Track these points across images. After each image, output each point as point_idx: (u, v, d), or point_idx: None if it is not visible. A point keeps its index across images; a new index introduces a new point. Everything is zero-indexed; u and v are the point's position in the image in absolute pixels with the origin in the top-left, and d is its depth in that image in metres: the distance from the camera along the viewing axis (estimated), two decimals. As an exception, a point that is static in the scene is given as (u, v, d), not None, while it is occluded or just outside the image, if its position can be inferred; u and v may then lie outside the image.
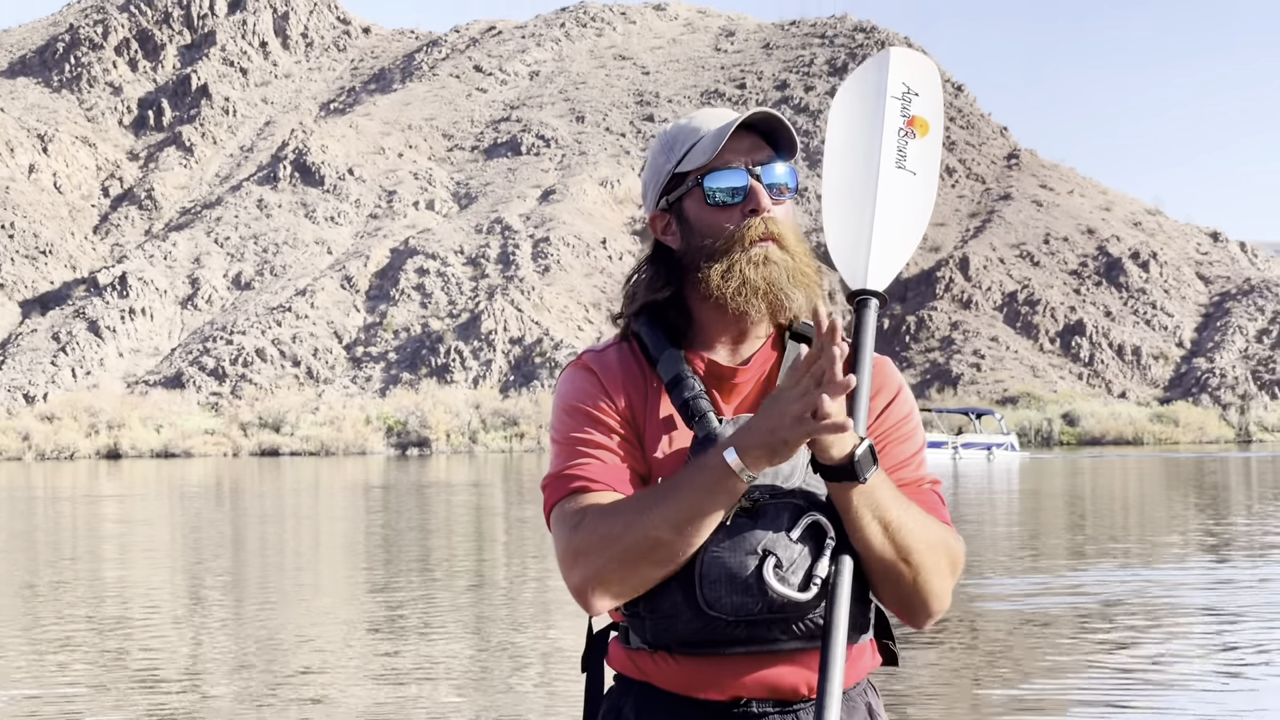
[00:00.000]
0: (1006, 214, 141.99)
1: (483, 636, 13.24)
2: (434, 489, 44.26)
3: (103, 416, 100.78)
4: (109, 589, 17.94)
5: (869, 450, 2.77)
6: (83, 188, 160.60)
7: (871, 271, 3.04)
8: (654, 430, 2.96)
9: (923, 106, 3.19)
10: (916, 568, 2.84)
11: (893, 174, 3.13)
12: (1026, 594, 15.62)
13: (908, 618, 2.94)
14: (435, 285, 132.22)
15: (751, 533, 2.82)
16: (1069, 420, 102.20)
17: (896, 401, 3.04)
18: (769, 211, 2.96)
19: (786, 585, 2.80)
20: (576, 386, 3.01)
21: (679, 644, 2.89)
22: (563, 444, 2.97)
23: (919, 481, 3.00)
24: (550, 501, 2.95)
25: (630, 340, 3.06)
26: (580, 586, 2.86)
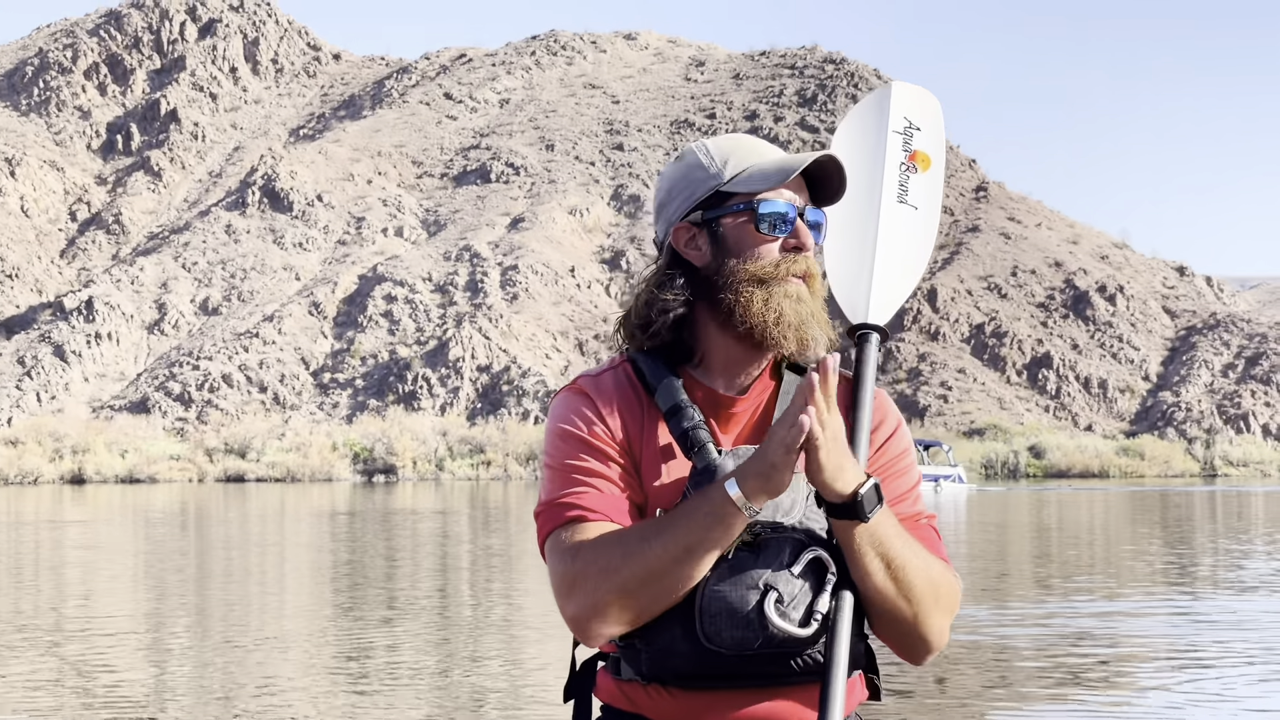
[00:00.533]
0: (974, 246, 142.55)
1: (450, 665, 13.17)
2: (400, 516, 44.12)
3: (67, 441, 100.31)
4: (71, 616, 17.81)
5: (874, 488, 2.77)
6: (50, 211, 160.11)
7: (873, 306, 3.08)
8: (651, 459, 2.94)
9: (925, 141, 3.22)
10: (917, 605, 2.84)
11: (894, 208, 3.15)
12: (982, 625, 15.62)
13: (907, 654, 2.94)
14: (403, 312, 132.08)
15: (753, 567, 2.81)
16: (1035, 453, 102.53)
17: (895, 436, 3.04)
18: (810, 251, 2.96)
19: (787, 620, 2.78)
20: (572, 411, 2.97)
21: (675, 677, 2.86)
22: (557, 470, 2.93)
23: (916, 516, 3.00)
24: (545, 530, 2.91)
25: (626, 365, 3.03)
26: (578, 617, 2.83)
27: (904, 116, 3.20)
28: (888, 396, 3.09)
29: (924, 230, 3.17)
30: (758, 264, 2.93)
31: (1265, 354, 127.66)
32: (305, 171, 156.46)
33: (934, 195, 3.20)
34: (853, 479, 2.76)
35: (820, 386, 2.71)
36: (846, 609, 2.80)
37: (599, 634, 2.84)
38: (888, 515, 2.81)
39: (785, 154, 2.99)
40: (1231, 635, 14.94)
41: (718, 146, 3.04)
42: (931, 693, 11.56)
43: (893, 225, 3.13)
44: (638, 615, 2.80)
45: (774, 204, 2.93)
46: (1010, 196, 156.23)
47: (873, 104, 3.24)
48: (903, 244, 3.12)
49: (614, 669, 2.96)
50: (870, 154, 3.18)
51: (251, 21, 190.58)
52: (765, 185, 2.94)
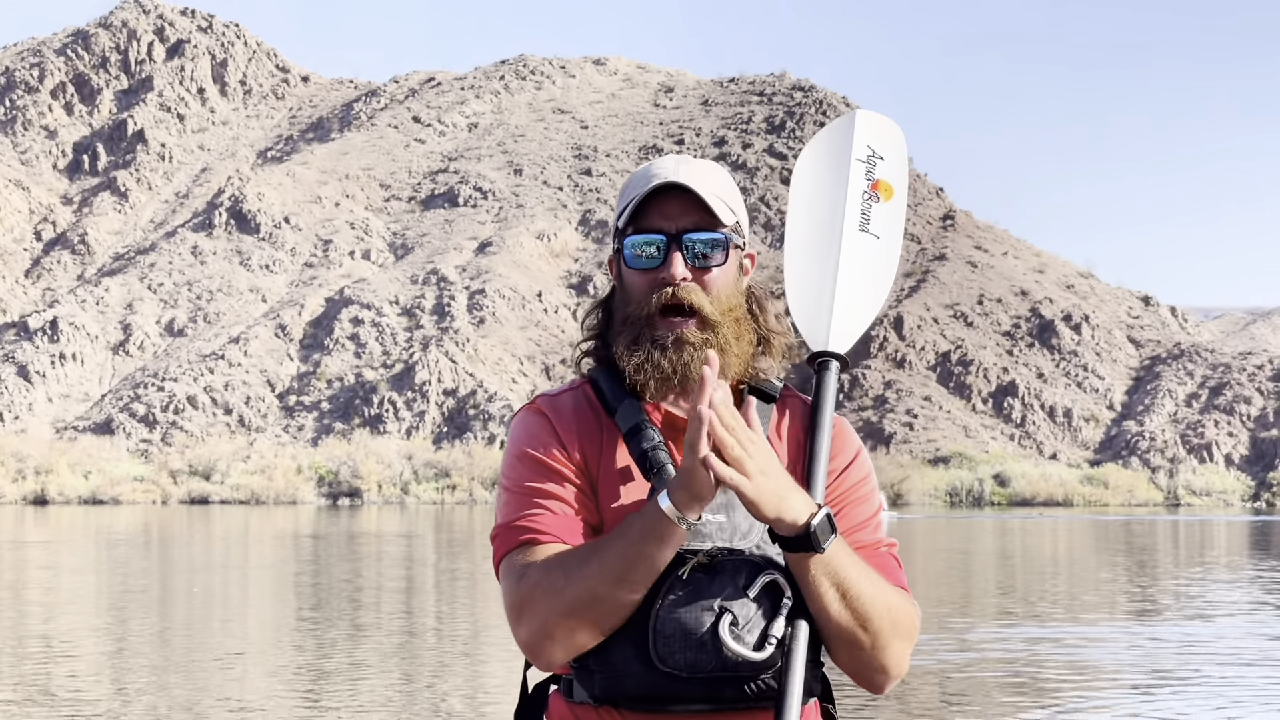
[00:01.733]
0: (941, 274, 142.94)
1: (411, 686, 13.15)
2: (365, 539, 43.99)
3: (30, 462, 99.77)
4: (33, 638, 17.72)
5: (826, 519, 2.73)
6: (15, 231, 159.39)
7: (833, 334, 3.04)
8: (609, 480, 2.90)
9: (887, 170, 3.17)
10: (874, 634, 2.81)
11: (856, 237, 3.11)
12: (942, 648, 15.66)
13: (866, 683, 2.90)
14: (370, 335, 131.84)
15: (709, 589, 2.76)
16: (1000, 481, 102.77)
17: (855, 464, 3.00)
18: (680, 283, 2.86)
19: (741, 644, 2.73)
20: (529, 432, 2.93)
21: (627, 699, 2.82)
22: (514, 492, 2.89)
23: (876, 544, 2.96)
24: (499, 553, 2.88)
25: (586, 385, 3.00)
26: (528, 641, 2.80)
27: (867, 145, 3.17)
28: (848, 424, 3.05)
29: (885, 259, 3.13)
30: (627, 306, 2.91)
31: (1229, 384, 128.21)
32: (273, 194, 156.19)
33: (896, 225, 3.16)
34: (802, 509, 2.72)
35: (704, 387, 2.63)
36: (802, 638, 2.77)
37: (551, 657, 2.80)
38: (842, 545, 2.77)
39: (655, 178, 2.92)
40: (1192, 659, 15.01)
41: (635, 173, 3.01)
42: (896, 714, 11.59)
43: (854, 254, 3.09)
44: (587, 636, 2.77)
45: (636, 239, 2.90)
46: (977, 225, 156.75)
47: (836, 132, 3.21)
48: (864, 273, 3.09)
49: (566, 691, 2.91)
50: (833, 182, 3.14)
51: (220, 42, 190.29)
52: (626, 221, 2.92)
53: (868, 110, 3.32)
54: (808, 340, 3.05)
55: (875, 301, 3.13)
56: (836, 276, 3.09)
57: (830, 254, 3.11)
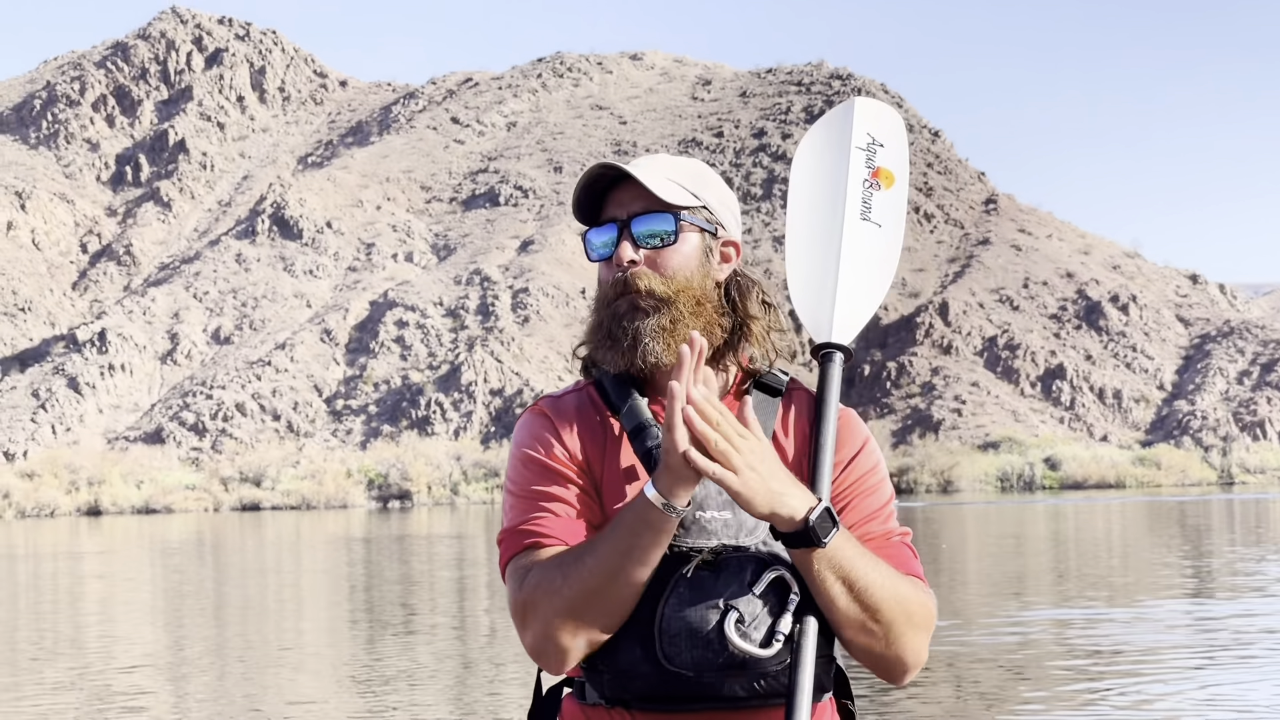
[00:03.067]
0: (985, 259, 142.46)
1: (468, 686, 13.16)
2: (416, 541, 44.10)
3: (83, 473, 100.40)
4: (91, 646, 17.81)
5: (826, 513, 2.72)
6: (61, 244, 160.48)
7: (836, 325, 3.02)
8: (613, 480, 2.91)
9: (888, 158, 3.16)
10: (886, 626, 2.79)
11: (857, 226, 3.09)
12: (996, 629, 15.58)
13: (884, 675, 2.88)
14: (415, 337, 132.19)
15: (714, 587, 2.76)
16: (1051, 464, 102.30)
17: (861, 454, 2.97)
18: (625, 265, 2.93)
19: (748, 641, 2.73)
20: (532, 434, 2.95)
21: (637, 699, 2.82)
22: (518, 496, 2.91)
23: (888, 535, 2.94)
24: (505, 558, 2.89)
25: (589, 386, 3.02)
26: (533, 645, 2.80)
27: (867, 133, 3.15)
28: (854, 414, 3.03)
29: (887, 248, 3.11)
30: (599, 293, 3.01)
31: None
32: (314, 199, 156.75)
33: (897, 213, 3.14)
34: (799, 504, 2.71)
35: (699, 418, 2.65)
36: (810, 634, 2.75)
37: (556, 658, 2.80)
38: (846, 538, 2.75)
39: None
40: (1250, 635, 14.89)
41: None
42: (949, 695, 11.53)
43: (856, 243, 3.07)
44: (589, 636, 2.77)
45: (591, 234, 3.02)
46: (1020, 209, 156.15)
47: (835, 120, 3.19)
48: (866, 262, 3.07)
49: (579, 694, 2.92)
50: (833, 171, 3.13)
51: (258, 50, 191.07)
52: (586, 222, 3.04)
53: (866, 98, 3.29)
54: (811, 332, 3.05)
55: (878, 291, 3.10)
56: (839, 267, 3.07)
57: (832, 244, 3.09)
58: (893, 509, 3.00)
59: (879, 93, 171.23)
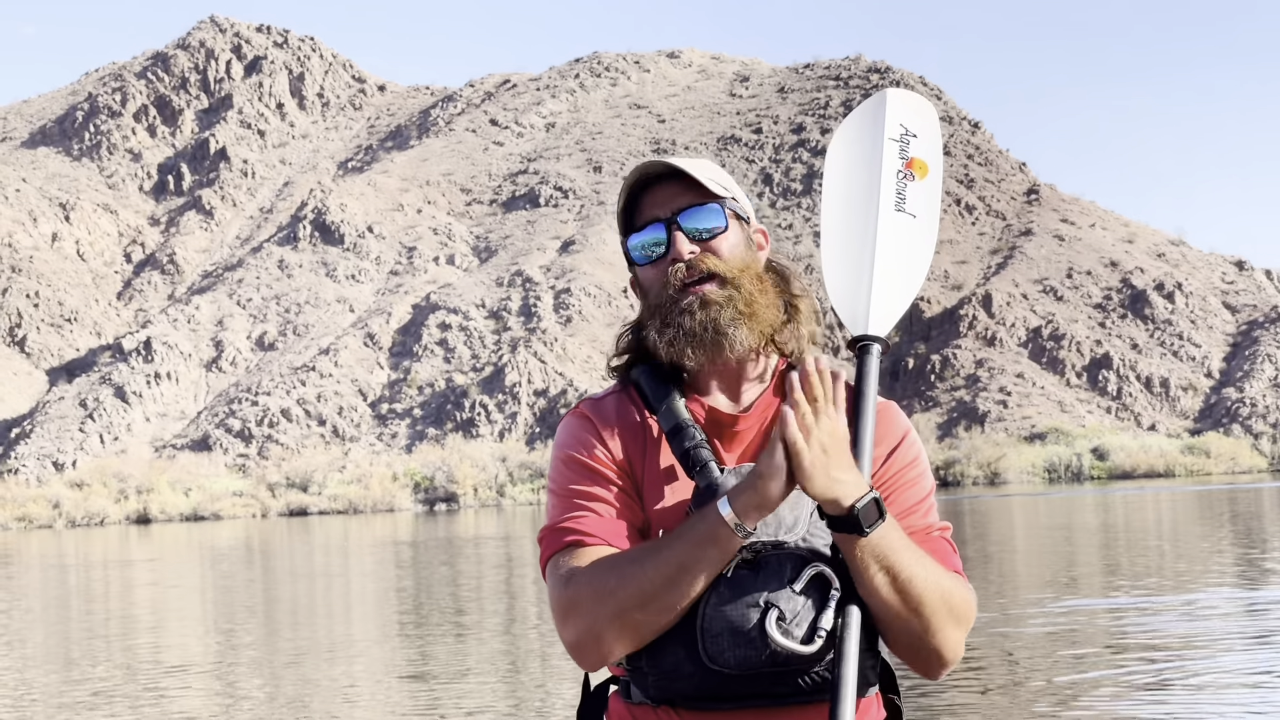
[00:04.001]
0: (1028, 249, 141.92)
1: (514, 687, 13.18)
2: (463, 543, 44.20)
3: (131, 482, 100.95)
4: (142, 651, 17.90)
5: (873, 501, 2.74)
6: (105, 254, 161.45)
7: (873, 317, 3.03)
8: (653, 481, 2.93)
9: (921, 148, 3.17)
10: (927, 618, 2.80)
11: (892, 217, 3.10)
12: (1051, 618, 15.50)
13: (921, 668, 2.89)
14: (458, 340, 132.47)
15: (754, 585, 2.77)
16: (1098, 455, 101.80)
17: (902, 447, 3.00)
18: (687, 256, 2.93)
19: (790, 638, 2.75)
20: (573, 436, 2.98)
21: (682, 698, 2.84)
22: (559, 495, 2.94)
23: (928, 529, 2.95)
24: (545, 556, 2.92)
25: (629, 388, 3.04)
26: (575, 642, 2.82)
27: (900, 124, 3.16)
28: (896, 407, 3.06)
29: (923, 239, 3.12)
30: (650, 298, 2.99)
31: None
32: (355, 204, 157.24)
33: (932, 203, 3.15)
34: (851, 491, 2.73)
35: (801, 385, 2.71)
36: (854, 625, 2.76)
37: (596, 658, 2.83)
38: (892, 528, 2.77)
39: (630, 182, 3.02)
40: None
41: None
42: (1005, 685, 11.48)
43: (891, 234, 3.08)
44: (634, 639, 2.79)
45: (636, 238, 3.00)
46: (1062, 198, 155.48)
47: (868, 112, 3.20)
48: (902, 253, 3.08)
49: (625, 692, 2.94)
50: (866, 162, 3.13)
51: (296, 57, 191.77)
52: (621, 225, 3.03)
53: (899, 89, 3.29)
54: (847, 324, 3.07)
55: (914, 282, 3.11)
56: (874, 258, 3.07)
57: (867, 235, 3.09)
58: (933, 502, 3.02)
59: (918, 85, 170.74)
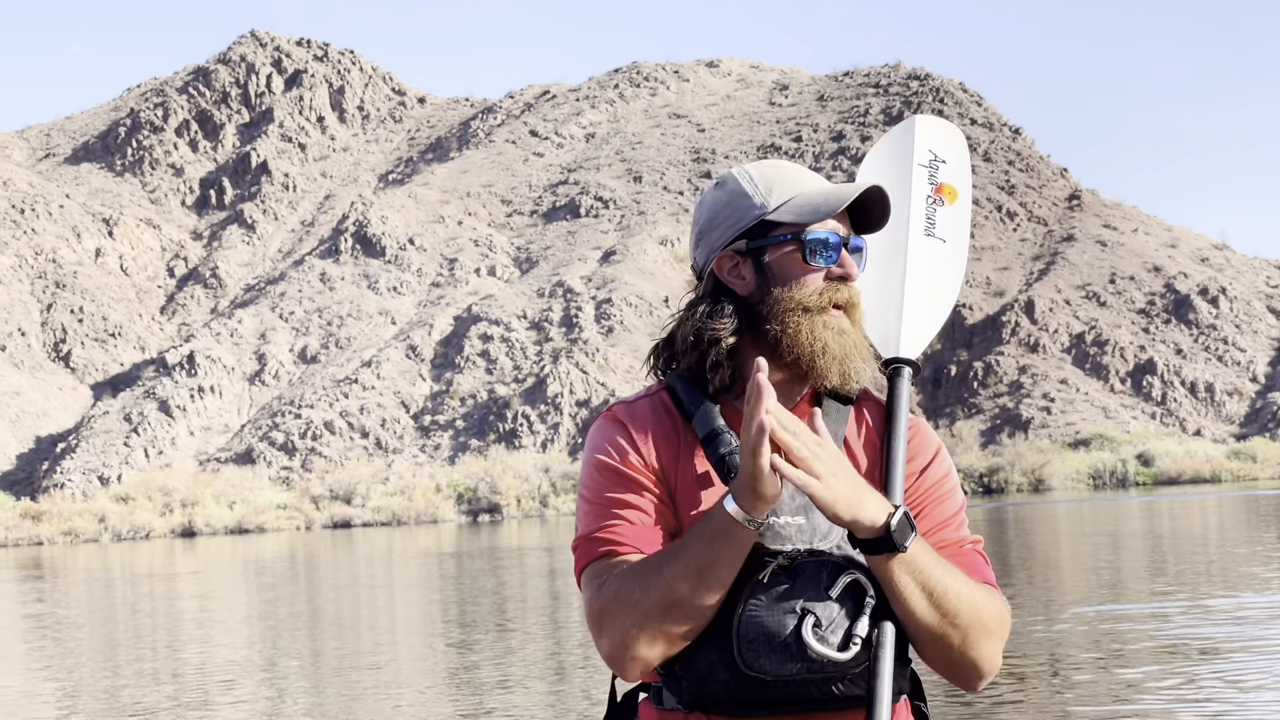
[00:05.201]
0: (1070, 255, 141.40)
1: (558, 695, 13.19)
2: (507, 554, 44.26)
3: (176, 495, 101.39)
4: (189, 662, 17.98)
5: (905, 518, 2.74)
6: (148, 269, 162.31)
7: (904, 339, 3.07)
8: (687, 486, 2.92)
9: (950, 174, 3.21)
10: (964, 632, 2.80)
11: (922, 241, 3.15)
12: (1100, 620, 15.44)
13: (959, 681, 2.90)
14: (500, 351, 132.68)
15: (790, 592, 2.78)
16: (1143, 460, 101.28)
17: (934, 463, 3.01)
18: (855, 280, 2.94)
19: (826, 645, 2.75)
20: (606, 440, 2.97)
21: (716, 705, 2.83)
22: (592, 503, 2.93)
23: (960, 542, 2.96)
24: (580, 565, 2.91)
25: (662, 391, 3.02)
26: (610, 653, 2.82)
27: (929, 150, 3.20)
28: (925, 423, 3.06)
29: (952, 263, 3.15)
30: (803, 292, 2.91)
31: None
32: (396, 216, 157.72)
33: (961, 228, 3.18)
34: (879, 511, 2.73)
35: (764, 387, 2.66)
36: (888, 640, 2.77)
37: (632, 667, 2.83)
38: (923, 544, 2.78)
39: (829, 184, 2.97)
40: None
41: (761, 174, 3.02)
42: (1049, 690, 11.45)
43: (921, 258, 3.12)
44: (665, 646, 2.79)
45: (821, 234, 2.92)
46: (1104, 204, 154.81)
47: (897, 138, 3.23)
48: (932, 277, 3.11)
49: (656, 699, 2.94)
50: (896, 187, 3.16)
51: (336, 70, 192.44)
52: (814, 217, 2.93)
53: (927, 115, 3.35)
54: (878, 346, 3.10)
55: (944, 305, 3.15)
56: (904, 282, 3.11)
57: (897, 260, 3.13)
58: (964, 517, 3.03)
59: (957, 92, 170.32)
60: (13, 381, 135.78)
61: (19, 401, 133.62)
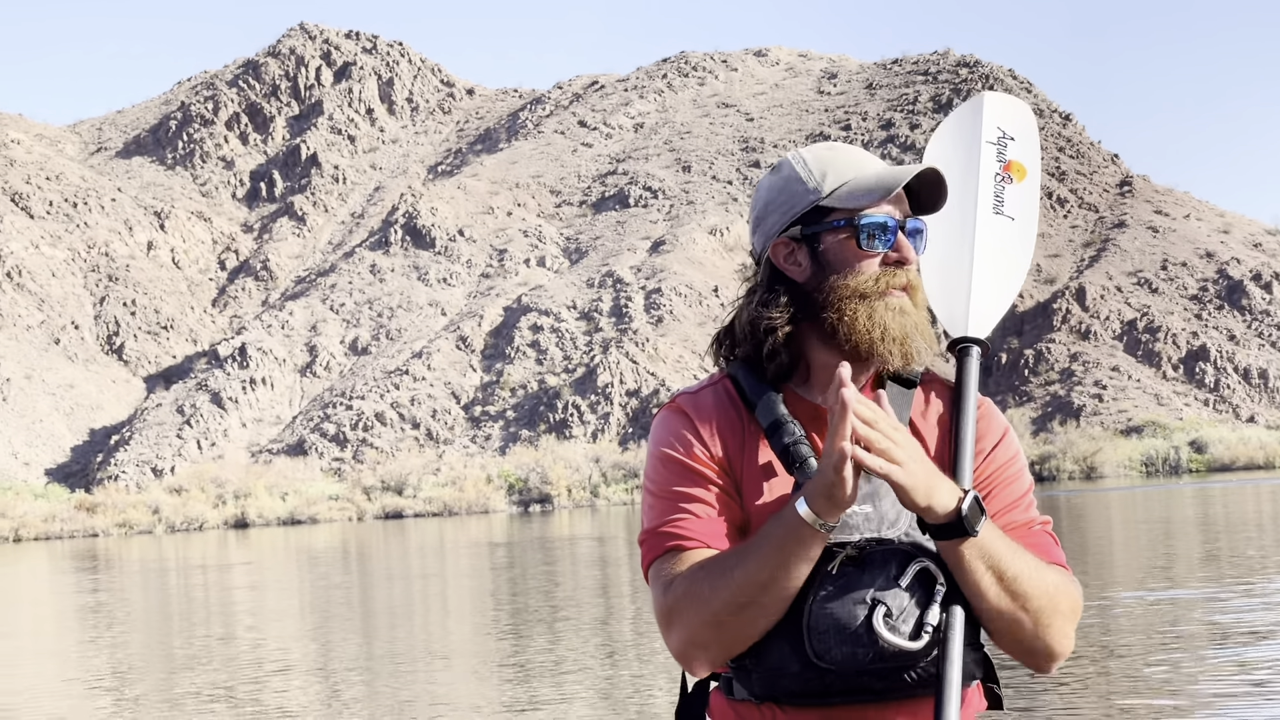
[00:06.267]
0: (1121, 242, 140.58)
1: (612, 684, 13.20)
2: (558, 544, 44.31)
3: (229, 487, 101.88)
4: (243, 652, 18.08)
5: (975, 502, 2.73)
6: (200, 262, 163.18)
7: (972, 319, 3.05)
8: (752, 477, 2.91)
9: (1019, 151, 3.19)
10: (1035, 615, 2.79)
11: (990, 219, 3.13)
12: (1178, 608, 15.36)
13: (1031, 664, 2.89)
14: (550, 341, 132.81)
15: (859, 582, 2.77)
16: (1196, 447, 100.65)
17: (1001, 444, 2.99)
18: (913, 264, 2.92)
19: (897, 634, 2.75)
20: (671, 433, 2.95)
21: (787, 695, 2.83)
22: (658, 496, 2.92)
23: (1029, 524, 2.95)
24: (647, 560, 2.91)
25: (725, 380, 3.01)
26: (679, 650, 2.83)
27: (997, 127, 3.18)
28: (992, 404, 3.06)
29: (1021, 241, 3.14)
30: (859, 279, 2.89)
31: None
32: (445, 207, 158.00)
33: (1030, 205, 3.16)
34: (950, 496, 2.72)
35: (846, 377, 2.65)
36: (958, 623, 2.76)
37: (700, 664, 2.83)
38: (993, 528, 2.77)
39: (884, 166, 2.95)
40: None
41: (815, 158, 3.01)
42: (1106, 670, 11.41)
43: (989, 237, 3.10)
44: (735, 643, 2.78)
45: (875, 219, 2.89)
46: (1156, 189, 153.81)
47: (965, 115, 3.21)
48: (1000, 255, 3.09)
49: (726, 689, 2.93)
50: (964, 165, 3.15)
51: (385, 62, 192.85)
52: (867, 201, 2.90)
53: (996, 92, 3.33)
54: (946, 326, 3.08)
55: (1013, 284, 3.13)
56: (973, 260, 3.09)
57: (965, 238, 3.11)
58: (1033, 498, 3.01)
59: (1007, 78, 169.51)
60: (67, 374, 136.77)
61: (73, 394, 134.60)
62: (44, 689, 15.84)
